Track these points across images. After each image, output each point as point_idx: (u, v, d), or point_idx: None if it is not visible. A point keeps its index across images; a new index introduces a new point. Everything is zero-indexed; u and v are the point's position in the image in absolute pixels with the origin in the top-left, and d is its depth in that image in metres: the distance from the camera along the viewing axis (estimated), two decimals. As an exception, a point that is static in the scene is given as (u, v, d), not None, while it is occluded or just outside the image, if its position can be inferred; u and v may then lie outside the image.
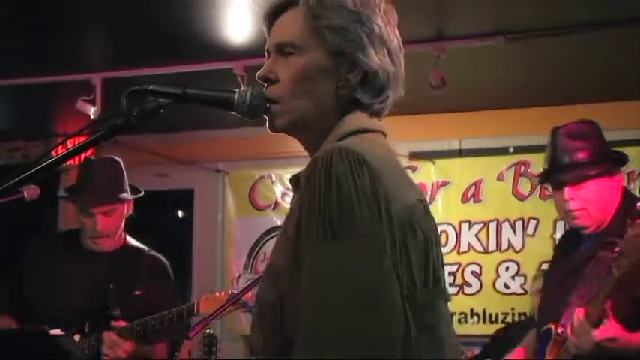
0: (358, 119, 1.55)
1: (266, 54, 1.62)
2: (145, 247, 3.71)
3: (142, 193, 3.68)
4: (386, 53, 1.55)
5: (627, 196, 3.13)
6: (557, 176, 3.08)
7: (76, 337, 3.39)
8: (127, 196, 3.59)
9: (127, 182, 3.62)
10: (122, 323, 3.38)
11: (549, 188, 3.33)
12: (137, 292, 3.53)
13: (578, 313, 2.82)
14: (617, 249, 2.73)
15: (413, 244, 1.39)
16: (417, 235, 1.41)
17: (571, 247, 3.18)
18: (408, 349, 1.36)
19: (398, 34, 1.61)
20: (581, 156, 3.04)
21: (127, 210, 3.62)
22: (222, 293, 3.49)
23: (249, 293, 3.48)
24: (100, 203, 3.50)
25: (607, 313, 2.75)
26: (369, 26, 1.54)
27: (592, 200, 3.01)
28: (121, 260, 3.58)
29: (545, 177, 3.19)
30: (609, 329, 2.75)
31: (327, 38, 1.54)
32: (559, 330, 2.96)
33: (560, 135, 3.09)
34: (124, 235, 3.67)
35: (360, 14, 1.54)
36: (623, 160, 3.16)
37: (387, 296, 1.34)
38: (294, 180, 1.55)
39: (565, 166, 3.05)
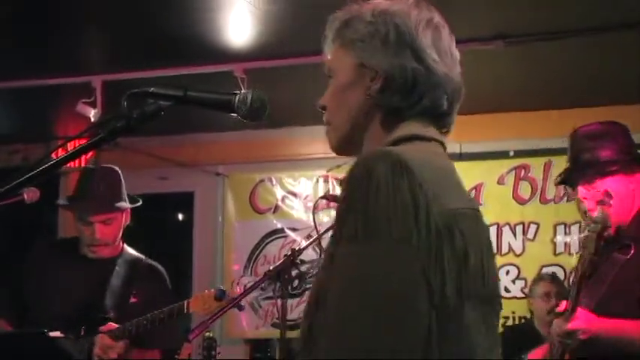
0: (409, 126, 1.56)
1: None
2: (143, 256, 3.72)
3: (140, 202, 3.69)
4: (410, 55, 1.55)
5: None
6: (573, 175, 3.09)
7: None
8: (126, 204, 3.59)
9: (125, 191, 3.62)
10: (113, 326, 3.39)
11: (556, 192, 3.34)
12: (133, 300, 3.54)
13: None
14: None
15: (449, 252, 1.38)
16: (456, 243, 1.39)
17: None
18: (428, 357, 1.34)
19: (440, 30, 1.61)
20: (600, 154, 3.01)
21: (125, 219, 3.63)
22: (211, 291, 3.48)
23: (238, 290, 3.50)
24: (99, 212, 3.51)
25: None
26: (383, 31, 1.56)
27: (612, 193, 2.98)
28: (118, 267, 3.59)
29: (563, 176, 3.18)
30: (578, 317, 2.82)
31: (349, 53, 1.59)
32: None
33: (579, 135, 3.08)
34: (121, 244, 3.67)
35: (376, 23, 1.56)
36: None
37: (411, 303, 1.33)
38: (342, 182, 1.54)
39: (582, 163, 3.04)
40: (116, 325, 3.39)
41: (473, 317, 1.43)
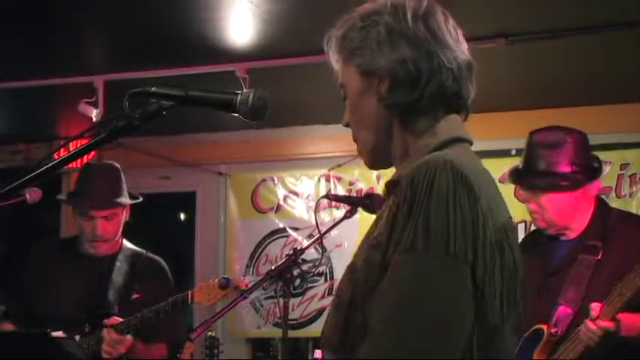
0: (449, 125, 1.57)
1: None
2: (143, 250, 3.71)
3: (141, 199, 3.69)
4: (404, 44, 1.53)
5: (601, 202, 3.29)
6: (527, 180, 3.26)
7: (76, 338, 3.39)
8: (127, 200, 3.60)
9: (125, 187, 3.62)
10: (118, 320, 3.38)
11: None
12: (135, 295, 3.54)
13: (594, 310, 2.91)
14: None
15: (500, 270, 1.39)
16: (506, 259, 1.41)
17: (542, 250, 3.28)
18: None
19: (439, 22, 1.58)
20: (553, 166, 3.17)
21: (125, 215, 3.63)
22: (215, 280, 3.46)
23: (244, 282, 3.48)
24: (101, 207, 3.51)
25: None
26: (375, 31, 1.55)
27: (547, 208, 3.17)
28: (118, 263, 3.59)
29: (516, 176, 3.35)
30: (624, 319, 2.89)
31: (352, 64, 1.59)
32: (552, 330, 3.01)
33: (536, 141, 3.26)
34: (121, 240, 3.67)
35: (367, 26, 1.56)
36: (598, 166, 3.26)
37: (458, 320, 1.35)
38: (389, 184, 1.55)
39: (537, 172, 3.21)
40: (120, 319, 3.38)
41: (511, 334, 1.45)
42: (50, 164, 1.60)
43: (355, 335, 1.42)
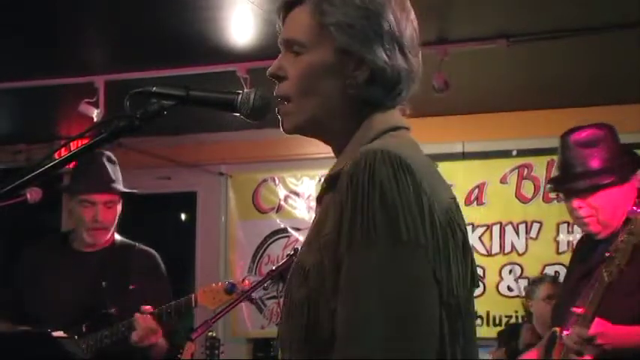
0: (385, 117, 1.54)
1: (280, 47, 1.60)
2: (135, 243, 3.69)
3: (137, 191, 3.66)
4: (397, 49, 1.51)
5: None
6: (567, 186, 3.09)
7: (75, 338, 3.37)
8: (123, 188, 3.57)
9: (121, 178, 3.61)
10: (150, 308, 3.31)
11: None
12: (131, 287, 3.49)
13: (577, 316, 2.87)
14: (607, 254, 2.80)
15: (454, 247, 1.39)
16: (457, 236, 1.41)
17: (586, 252, 3.18)
18: (443, 356, 1.36)
19: (414, 24, 1.57)
20: (591, 164, 3.02)
21: (120, 207, 3.61)
22: (220, 284, 3.45)
23: (246, 282, 3.47)
24: (104, 189, 3.47)
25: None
26: (377, 22, 1.51)
27: (601, 208, 3.00)
28: (111, 258, 3.56)
29: (556, 185, 3.20)
30: (597, 325, 2.80)
31: (334, 35, 1.51)
32: (564, 333, 2.98)
33: (571, 142, 3.07)
34: (114, 233, 3.65)
35: (367, 9, 1.51)
36: (637, 163, 3.12)
37: (424, 305, 1.34)
38: (330, 179, 1.51)
39: (575, 175, 3.04)
40: (151, 307, 3.31)
41: (473, 307, 1.46)
42: (51, 164, 1.60)
43: (317, 338, 1.40)
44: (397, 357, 1.30)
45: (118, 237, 3.67)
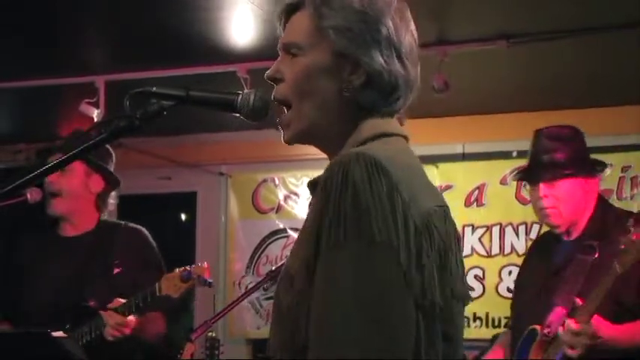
0: (377, 123, 1.53)
1: (279, 52, 1.60)
2: (122, 222, 3.64)
3: (110, 170, 3.59)
4: (394, 55, 1.51)
5: (602, 201, 3.27)
6: (534, 173, 3.23)
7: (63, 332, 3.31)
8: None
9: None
10: (120, 301, 3.28)
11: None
12: (117, 270, 3.43)
13: (570, 313, 2.92)
14: (621, 247, 2.85)
15: (429, 252, 1.38)
16: (435, 242, 1.40)
17: (546, 251, 3.29)
18: (418, 357, 1.35)
19: (414, 34, 1.57)
20: (558, 156, 3.17)
21: (94, 184, 3.52)
22: (177, 271, 3.34)
23: (205, 267, 3.44)
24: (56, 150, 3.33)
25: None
26: (375, 27, 1.51)
27: (564, 199, 3.14)
28: (95, 241, 3.50)
29: (522, 173, 3.34)
30: (597, 320, 2.86)
31: (332, 38, 1.51)
32: (545, 331, 3.02)
33: (542, 136, 3.25)
34: (97, 215, 3.59)
35: (366, 14, 1.51)
36: (600, 166, 3.25)
37: (397, 305, 1.33)
38: (312, 185, 1.52)
39: (543, 164, 3.18)
40: (122, 301, 3.27)
41: (458, 314, 1.46)
42: (51, 164, 1.60)
43: (294, 339, 1.40)
44: (372, 357, 1.30)
45: (103, 218, 3.61)
